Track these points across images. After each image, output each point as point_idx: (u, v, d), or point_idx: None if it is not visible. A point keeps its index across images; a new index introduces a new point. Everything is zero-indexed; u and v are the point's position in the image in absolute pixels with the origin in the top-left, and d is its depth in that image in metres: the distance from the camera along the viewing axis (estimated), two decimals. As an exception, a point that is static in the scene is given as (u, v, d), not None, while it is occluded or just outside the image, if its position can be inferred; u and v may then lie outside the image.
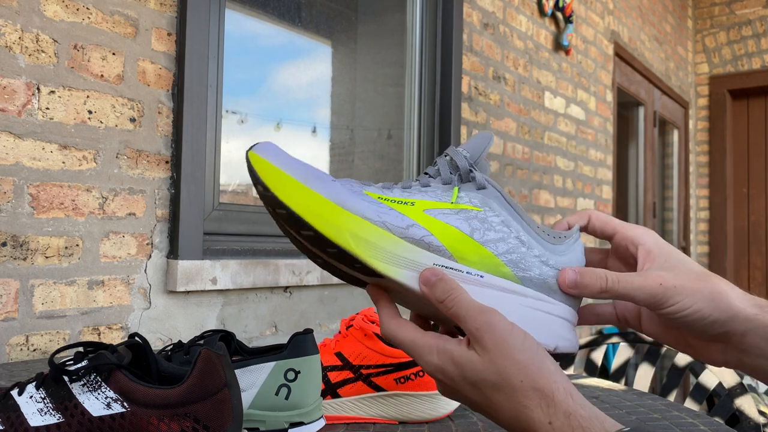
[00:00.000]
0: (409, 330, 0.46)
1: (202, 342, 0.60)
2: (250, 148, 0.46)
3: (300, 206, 0.44)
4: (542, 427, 0.41)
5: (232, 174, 1.51)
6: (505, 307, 0.45)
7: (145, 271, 1.21)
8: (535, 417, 0.41)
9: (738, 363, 0.48)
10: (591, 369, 1.54)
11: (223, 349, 0.51)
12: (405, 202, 0.47)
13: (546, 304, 0.47)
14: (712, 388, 1.28)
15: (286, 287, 1.46)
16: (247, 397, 0.59)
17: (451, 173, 0.49)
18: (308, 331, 0.62)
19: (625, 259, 0.52)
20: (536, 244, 0.48)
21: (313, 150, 1.75)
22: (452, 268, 0.45)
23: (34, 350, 1.06)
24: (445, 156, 0.50)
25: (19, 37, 1.04)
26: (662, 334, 0.52)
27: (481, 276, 0.46)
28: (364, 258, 0.44)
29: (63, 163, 1.10)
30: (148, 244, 1.21)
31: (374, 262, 0.44)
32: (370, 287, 0.48)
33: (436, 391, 0.67)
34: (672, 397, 1.50)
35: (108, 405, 0.48)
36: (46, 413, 0.48)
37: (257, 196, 0.48)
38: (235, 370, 0.58)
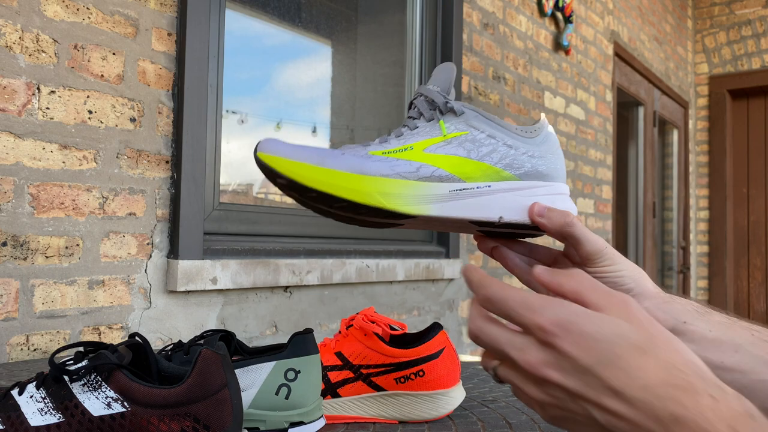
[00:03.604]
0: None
1: (202, 342, 0.61)
2: (256, 149, 0.51)
3: (328, 185, 0.50)
4: (703, 394, 0.33)
5: (233, 174, 1.51)
6: (511, 202, 0.54)
7: (146, 270, 1.21)
8: (692, 381, 0.34)
9: None
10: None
11: (223, 349, 0.51)
12: (405, 149, 0.53)
13: (541, 188, 0.56)
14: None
15: (286, 287, 1.46)
16: (247, 397, 0.59)
17: (431, 110, 0.56)
18: (308, 331, 0.63)
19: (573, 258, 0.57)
20: (521, 144, 0.56)
21: (313, 150, 1.74)
22: (465, 189, 0.53)
23: (35, 350, 1.06)
24: (420, 96, 0.57)
25: (20, 37, 1.04)
26: None
27: (489, 186, 0.54)
28: (396, 208, 0.51)
29: (63, 163, 1.10)
30: (148, 243, 1.21)
31: (405, 207, 0.51)
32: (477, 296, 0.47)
33: (436, 391, 0.68)
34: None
35: (108, 405, 0.48)
36: (46, 413, 0.48)
37: (274, 189, 0.54)
38: (235, 370, 0.58)
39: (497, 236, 0.59)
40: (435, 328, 0.69)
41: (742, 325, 0.51)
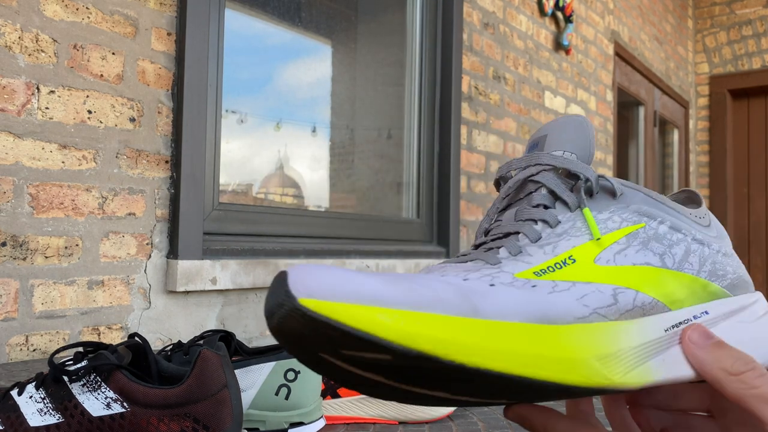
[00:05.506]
0: None
1: (201, 342, 0.60)
2: (290, 291, 0.23)
3: (495, 355, 0.25)
4: None
5: (232, 174, 1.51)
6: (739, 334, 0.33)
7: (145, 271, 1.21)
8: None
9: None
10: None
11: (223, 349, 0.51)
12: (564, 262, 0.31)
13: (757, 303, 0.35)
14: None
15: (286, 287, 1.46)
16: (247, 397, 0.59)
17: (570, 191, 0.33)
18: (308, 331, 0.62)
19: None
20: (707, 237, 0.36)
21: (313, 150, 1.75)
22: (679, 323, 0.32)
23: (34, 350, 1.06)
24: (544, 169, 0.34)
25: (19, 37, 1.04)
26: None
27: (707, 312, 0.33)
28: (621, 383, 0.28)
29: (63, 162, 1.09)
30: (147, 244, 1.21)
31: (628, 378, 0.28)
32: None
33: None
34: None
35: (108, 405, 0.48)
36: (45, 413, 0.48)
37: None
38: (235, 370, 0.58)
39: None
40: None
41: None
